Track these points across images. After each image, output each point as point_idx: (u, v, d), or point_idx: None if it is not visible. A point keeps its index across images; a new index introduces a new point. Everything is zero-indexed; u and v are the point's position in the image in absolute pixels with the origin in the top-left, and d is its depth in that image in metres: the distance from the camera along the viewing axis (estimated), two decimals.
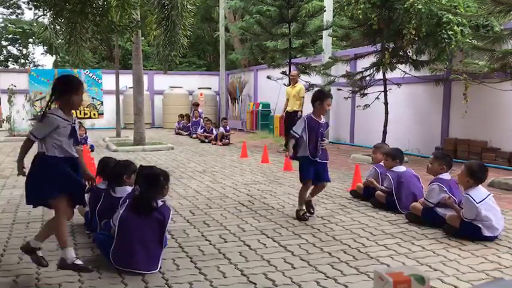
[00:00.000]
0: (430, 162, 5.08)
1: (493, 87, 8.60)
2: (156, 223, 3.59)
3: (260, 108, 17.29)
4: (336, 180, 7.57)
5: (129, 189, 4.17)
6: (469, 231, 4.37)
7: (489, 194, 4.49)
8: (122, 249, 3.53)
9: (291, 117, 11.38)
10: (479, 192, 4.45)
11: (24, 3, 28.30)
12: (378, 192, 5.70)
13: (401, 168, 5.64)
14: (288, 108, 11.36)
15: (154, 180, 3.73)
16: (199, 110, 16.80)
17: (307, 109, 12.49)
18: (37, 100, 18.45)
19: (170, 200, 3.30)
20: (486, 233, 4.32)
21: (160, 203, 3.68)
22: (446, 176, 4.93)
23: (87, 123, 17.77)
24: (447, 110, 10.25)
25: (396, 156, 5.74)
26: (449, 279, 3.47)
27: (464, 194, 4.48)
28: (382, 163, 6.03)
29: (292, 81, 11.56)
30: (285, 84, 12.85)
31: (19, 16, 30.06)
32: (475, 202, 4.33)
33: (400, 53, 9.61)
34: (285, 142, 11.57)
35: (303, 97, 11.18)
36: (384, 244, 4.29)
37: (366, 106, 10.24)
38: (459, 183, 4.67)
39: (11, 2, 29.15)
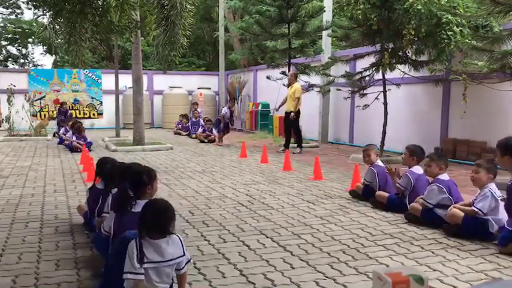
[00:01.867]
0: (427, 165, 5.03)
1: (492, 88, 8.61)
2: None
3: (259, 108, 17.30)
4: (335, 180, 7.58)
5: None
6: (473, 227, 4.37)
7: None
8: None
9: (286, 118, 11.48)
10: (495, 187, 4.48)
11: (23, 3, 28.28)
12: (379, 192, 5.70)
13: (419, 170, 5.43)
14: (286, 109, 11.48)
15: (136, 179, 3.40)
16: (199, 109, 16.81)
17: (306, 109, 12.50)
18: (36, 100, 18.46)
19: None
20: (492, 228, 4.32)
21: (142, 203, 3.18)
22: (445, 176, 4.93)
23: (86, 123, 17.76)
24: (446, 110, 10.25)
25: (414, 153, 5.53)
26: (448, 279, 3.47)
27: (486, 188, 4.45)
28: (378, 162, 6.07)
29: (289, 82, 11.64)
30: (284, 85, 12.87)
31: (18, 16, 30.03)
32: (496, 195, 4.36)
33: (400, 54, 9.61)
34: (285, 142, 11.58)
35: (298, 98, 11.21)
36: (383, 244, 4.29)
37: (366, 106, 10.25)
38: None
39: (11, 1, 29.13)
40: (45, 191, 6.63)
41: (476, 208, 4.41)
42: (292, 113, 11.19)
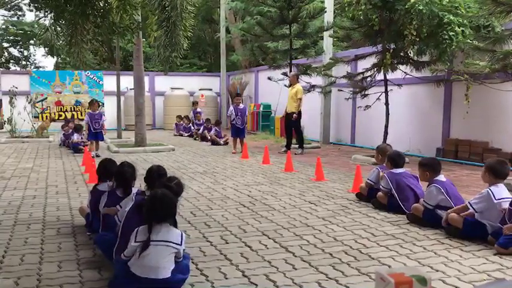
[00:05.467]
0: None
1: (494, 88, 8.60)
2: None
3: (261, 109, 17.31)
4: (337, 181, 7.57)
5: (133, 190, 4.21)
6: (473, 230, 4.36)
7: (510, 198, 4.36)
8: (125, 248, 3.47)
9: (288, 119, 11.39)
10: (500, 190, 4.38)
11: (25, 5, 28.33)
12: (380, 193, 5.69)
13: (399, 170, 5.61)
14: (287, 110, 11.40)
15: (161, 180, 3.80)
16: (199, 109, 16.82)
17: (307, 110, 12.50)
18: (38, 101, 18.48)
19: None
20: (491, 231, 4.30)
21: None
22: (442, 177, 4.95)
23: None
24: (448, 111, 10.24)
25: (395, 161, 5.68)
26: (451, 279, 3.46)
27: (487, 189, 4.41)
28: (385, 164, 6.04)
29: (290, 83, 11.55)
30: (285, 85, 12.87)
31: (20, 18, 30.09)
32: (493, 199, 4.30)
33: (401, 54, 9.61)
34: (286, 143, 11.54)
35: (301, 98, 11.14)
36: (385, 245, 4.28)
37: (367, 107, 10.24)
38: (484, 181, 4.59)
39: (12, 3, 29.19)
40: (47, 193, 6.63)
41: (469, 204, 4.43)
42: (294, 114, 11.14)
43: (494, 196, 4.32)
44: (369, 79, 10.20)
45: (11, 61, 31.01)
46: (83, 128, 11.93)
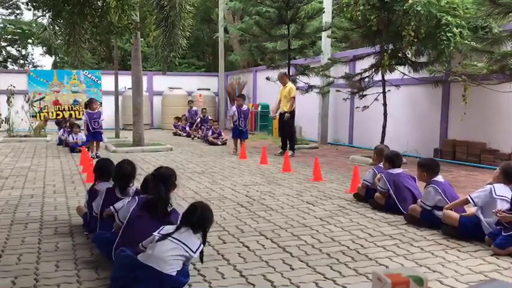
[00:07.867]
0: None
1: (491, 89, 8.62)
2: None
3: (259, 109, 17.31)
4: (334, 181, 7.58)
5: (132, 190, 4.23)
6: (469, 227, 4.37)
7: None
8: (125, 247, 3.42)
9: (281, 119, 11.20)
10: (504, 190, 4.36)
11: (23, 3, 28.25)
12: (377, 193, 5.70)
13: (396, 170, 5.62)
14: (280, 110, 11.22)
15: (169, 181, 3.89)
16: (194, 108, 16.79)
17: (305, 110, 12.53)
18: (36, 101, 18.44)
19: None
20: (486, 230, 4.29)
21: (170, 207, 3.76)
22: (440, 178, 4.96)
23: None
24: (446, 112, 10.26)
25: (393, 161, 5.69)
26: (448, 280, 3.47)
27: (491, 185, 4.43)
28: (381, 164, 6.03)
29: (281, 82, 11.31)
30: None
31: (18, 17, 30.02)
32: (494, 193, 4.31)
33: (399, 55, 9.62)
34: (281, 144, 11.44)
35: (294, 97, 11.00)
36: (382, 245, 4.29)
37: (365, 107, 10.25)
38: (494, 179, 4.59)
39: (10, 2, 29.13)
40: (44, 192, 6.62)
41: (470, 197, 4.43)
42: (286, 113, 10.90)
43: (495, 191, 4.33)
44: (367, 80, 10.21)
45: (9, 60, 30.92)
46: (80, 127, 11.92)
